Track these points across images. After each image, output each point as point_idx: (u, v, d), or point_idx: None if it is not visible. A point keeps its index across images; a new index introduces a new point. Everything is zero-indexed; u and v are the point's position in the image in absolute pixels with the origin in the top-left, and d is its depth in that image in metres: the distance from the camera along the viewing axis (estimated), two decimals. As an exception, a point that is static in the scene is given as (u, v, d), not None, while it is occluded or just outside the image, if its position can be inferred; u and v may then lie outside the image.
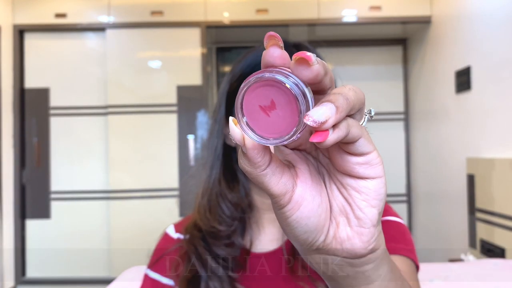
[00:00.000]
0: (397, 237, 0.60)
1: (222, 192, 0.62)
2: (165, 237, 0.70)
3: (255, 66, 0.59)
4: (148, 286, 0.65)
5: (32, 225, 2.74)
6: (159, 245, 0.69)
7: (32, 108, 2.76)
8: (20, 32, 2.74)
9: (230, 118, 0.25)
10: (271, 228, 0.64)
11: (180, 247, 0.63)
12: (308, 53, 0.24)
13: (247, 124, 0.25)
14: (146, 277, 0.66)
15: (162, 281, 0.64)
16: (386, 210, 0.65)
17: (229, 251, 0.59)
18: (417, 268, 0.60)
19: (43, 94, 2.76)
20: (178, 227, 0.70)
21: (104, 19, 2.74)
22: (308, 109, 0.24)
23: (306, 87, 0.24)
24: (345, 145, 0.26)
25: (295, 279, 0.58)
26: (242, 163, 0.26)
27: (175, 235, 0.69)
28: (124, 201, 2.69)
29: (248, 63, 0.60)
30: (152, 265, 0.66)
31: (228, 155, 0.64)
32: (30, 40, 2.77)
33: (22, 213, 2.73)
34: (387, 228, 0.60)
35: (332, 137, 0.23)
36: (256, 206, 0.64)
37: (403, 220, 0.65)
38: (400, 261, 0.56)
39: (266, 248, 0.62)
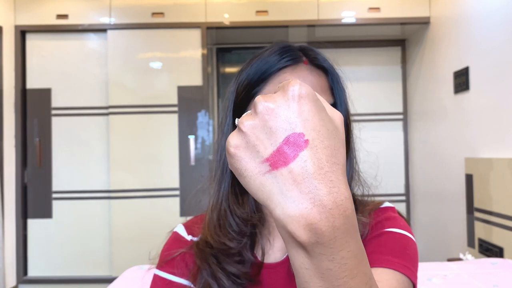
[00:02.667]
0: (395, 251, 0.56)
1: (231, 207, 0.60)
2: (177, 237, 0.68)
3: (261, 73, 0.58)
4: (161, 287, 0.62)
5: (34, 225, 2.76)
6: (169, 245, 0.67)
7: (34, 109, 2.78)
8: (22, 33, 2.76)
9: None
10: (275, 237, 0.63)
11: (194, 251, 0.62)
12: None
13: None
14: (157, 277, 0.64)
15: (176, 280, 0.62)
16: (394, 221, 0.61)
17: (240, 267, 0.58)
18: (414, 287, 0.56)
19: (45, 94, 2.77)
20: (189, 229, 0.68)
21: (105, 20, 2.75)
22: None
23: None
24: None
25: None
26: None
27: (187, 236, 0.67)
28: (125, 201, 2.70)
29: (253, 71, 0.59)
30: (164, 265, 0.64)
31: None
32: (32, 41, 2.79)
33: (24, 213, 2.74)
34: (387, 240, 0.58)
35: None
36: (268, 217, 0.63)
37: (411, 235, 0.61)
38: (390, 277, 0.52)
39: (279, 257, 0.62)
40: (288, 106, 0.30)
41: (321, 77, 0.60)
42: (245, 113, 0.35)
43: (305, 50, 0.61)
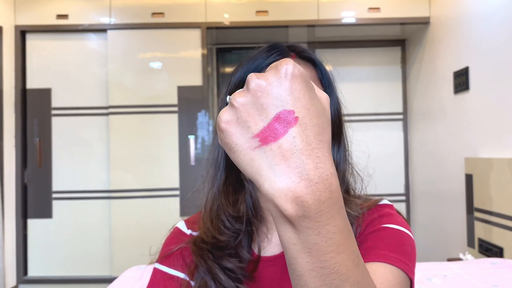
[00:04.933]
0: (392, 246, 0.56)
1: (223, 206, 0.62)
2: (177, 231, 0.70)
3: (251, 71, 0.58)
4: (159, 280, 0.65)
5: (34, 225, 2.76)
6: (170, 239, 0.69)
7: (34, 109, 2.78)
8: (22, 33, 2.76)
9: None
10: (271, 232, 0.64)
11: (191, 248, 0.64)
12: None
13: None
14: (156, 270, 0.66)
15: (174, 273, 0.64)
16: (391, 218, 0.61)
17: (236, 262, 0.59)
18: (411, 283, 0.56)
19: (45, 94, 2.77)
20: (189, 224, 0.70)
21: (105, 20, 2.75)
22: None
23: None
24: None
25: None
26: None
27: (187, 231, 0.69)
28: (125, 201, 2.71)
29: (244, 70, 0.61)
30: (164, 259, 0.66)
31: (231, 165, 0.63)
32: (32, 41, 2.79)
33: (24, 213, 2.75)
34: (384, 235, 0.58)
35: None
36: (266, 215, 0.64)
37: (409, 231, 0.61)
38: (385, 270, 0.52)
39: (276, 252, 0.63)
40: (280, 83, 0.31)
41: (310, 69, 0.61)
42: (237, 91, 0.35)
43: (292, 46, 0.63)
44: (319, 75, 0.62)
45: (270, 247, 0.63)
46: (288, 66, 0.32)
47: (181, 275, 0.64)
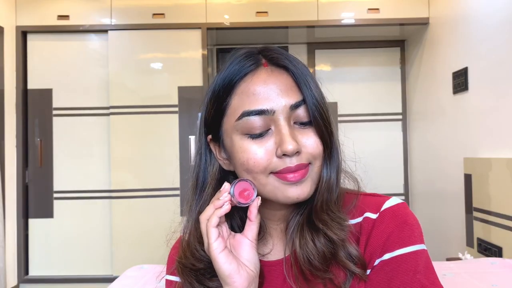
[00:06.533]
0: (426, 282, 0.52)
1: (196, 237, 0.59)
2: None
3: (224, 87, 0.56)
4: None
5: (35, 224, 2.77)
6: (176, 249, 0.67)
7: (35, 109, 2.79)
8: (23, 34, 2.77)
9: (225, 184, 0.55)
10: (275, 239, 0.62)
11: (177, 268, 0.62)
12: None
13: (234, 193, 0.54)
14: (168, 282, 0.66)
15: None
16: (412, 231, 0.58)
17: (219, 284, 0.55)
18: None
19: (46, 94, 2.78)
20: None
21: (106, 21, 2.76)
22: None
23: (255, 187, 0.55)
24: None
25: None
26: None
27: None
28: (126, 201, 2.71)
29: (218, 85, 0.57)
30: (173, 270, 0.63)
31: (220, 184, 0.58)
32: (33, 42, 2.80)
33: (25, 213, 2.75)
34: (392, 271, 0.54)
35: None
36: (268, 229, 0.62)
37: (422, 240, 0.57)
38: None
39: (269, 258, 0.61)
40: None
41: (283, 76, 0.56)
42: None
43: (264, 51, 0.58)
44: (295, 79, 0.56)
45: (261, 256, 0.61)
46: None
47: None
